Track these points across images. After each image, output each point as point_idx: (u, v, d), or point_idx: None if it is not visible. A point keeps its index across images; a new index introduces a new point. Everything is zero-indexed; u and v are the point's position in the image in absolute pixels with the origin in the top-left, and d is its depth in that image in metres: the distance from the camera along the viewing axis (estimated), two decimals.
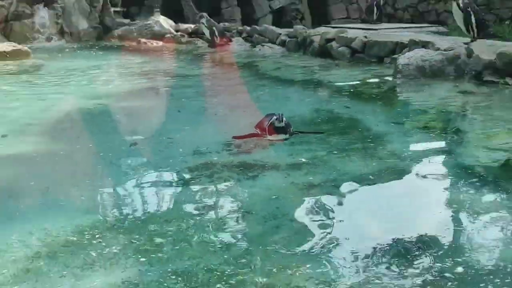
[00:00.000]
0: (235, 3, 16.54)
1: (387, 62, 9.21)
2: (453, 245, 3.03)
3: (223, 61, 11.35)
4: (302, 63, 10.09)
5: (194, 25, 14.19)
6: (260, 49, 12.04)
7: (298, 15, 16.72)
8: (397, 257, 2.92)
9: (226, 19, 15.89)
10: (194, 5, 16.14)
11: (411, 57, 8.01)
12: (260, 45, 12.19)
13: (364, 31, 11.11)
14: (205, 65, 11.03)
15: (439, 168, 4.33)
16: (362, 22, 14.09)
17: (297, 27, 12.66)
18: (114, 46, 13.51)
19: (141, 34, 13.96)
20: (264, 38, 12.40)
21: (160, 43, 13.51)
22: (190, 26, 14.43)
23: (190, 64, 11.07)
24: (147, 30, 14.11)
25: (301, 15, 16.73)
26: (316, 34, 11.13)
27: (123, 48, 13.05)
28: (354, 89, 7.58)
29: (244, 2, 16.57)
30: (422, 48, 8.42)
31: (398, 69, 7.93)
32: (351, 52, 10.00)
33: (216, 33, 12.70)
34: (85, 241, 3.11)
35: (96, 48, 13.22)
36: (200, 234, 3.19)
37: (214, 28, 12.78)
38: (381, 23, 13.22)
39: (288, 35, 11.86)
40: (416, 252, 2.97)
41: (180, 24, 14.72)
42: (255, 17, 16.34)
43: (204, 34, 13.03)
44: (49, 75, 9.16)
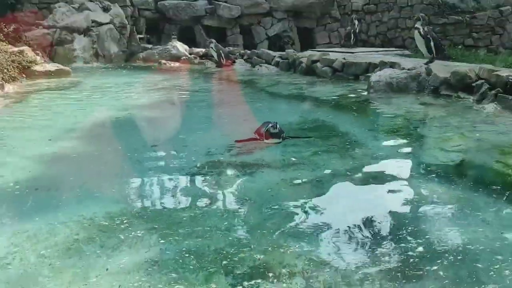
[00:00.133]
0: (238, 31, 16.58)
1: (362, 79, 9.18)
2: (415, 228, 3.03)
3: (228, 79, 11.32)
4: (293, 80, 10.06)
5: (205, 49, 14.16)
6: (258, 69, 12.01)
7: (290, 41, 16.70)
8: (369, 237, 2.94)
9: (231, 44, 15.90)
10: (205, 33, 16.17)
11: (381, 75, 8.00)
12: (258, 65, 12.16)
13: (343, 54, 11.09)
14: (213, 82, 11.00)
15: (405, 166, 4.32)
16: (342, 47, 14.04)
17: (289, 51, 12.66)
18: (139, 67, 13.48)
19: (162, 57, 13.92)
20: (262, 60, 12.36)
21: (177, 64, 13.48)
22: (201, 50, 14.39)
23: (201, 81, 11.06)
24: (166, 53, 14.08)
25: (292, 41, 16.72)
26: (304, 57, 11.11)
27: (147, 68, 13.03)
28: (335, 102, 7.56)
29: (246, 31, 16.60)
30: (390, 68, 8.41)
31: (371, 85, 7.92)
32: (333, 71, 9.96)
33: (223, 56, 12.69)
34: (115, 226, 3.12)
35: (125, 68, 13.20)
36: (209, 220, 3.20)
37: (221, 52, 12.76)
38: (357, 48, 13.20)
39: (281, 57, 11.83)
40: (385, 234, 2.99)
41: (193, 48, 14.69)
42: (255, 42, 16.33)
43: (213, 57, 13.01)
44: (86, 90, 9.13)
